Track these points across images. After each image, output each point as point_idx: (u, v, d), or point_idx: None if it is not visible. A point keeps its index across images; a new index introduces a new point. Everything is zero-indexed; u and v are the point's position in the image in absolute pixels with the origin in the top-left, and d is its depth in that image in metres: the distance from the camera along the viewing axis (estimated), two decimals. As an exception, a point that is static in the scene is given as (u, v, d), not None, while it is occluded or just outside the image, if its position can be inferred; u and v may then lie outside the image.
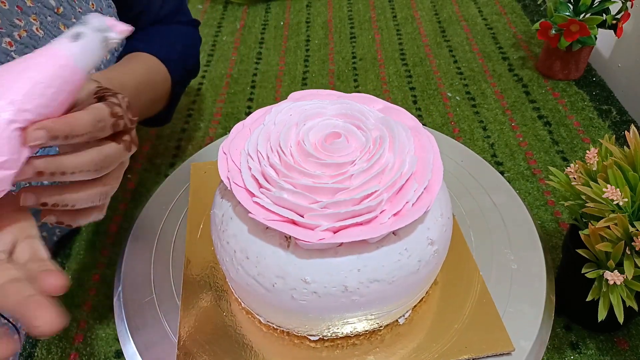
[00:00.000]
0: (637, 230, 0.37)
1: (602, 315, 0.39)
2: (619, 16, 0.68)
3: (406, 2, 1.00)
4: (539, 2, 0.93)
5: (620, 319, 0.38)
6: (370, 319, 0.37)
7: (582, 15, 0.70)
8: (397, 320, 0.40)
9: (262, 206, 0.34)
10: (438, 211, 0.37)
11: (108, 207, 0.63)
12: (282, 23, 0.98)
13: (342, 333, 0.38)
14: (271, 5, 1.03)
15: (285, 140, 0.37)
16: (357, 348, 0.39)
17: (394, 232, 0.34)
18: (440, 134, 0.58)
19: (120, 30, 0.35)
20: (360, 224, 0.33)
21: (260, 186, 0.35)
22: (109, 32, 0.35)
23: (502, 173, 0.61)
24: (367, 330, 0.39)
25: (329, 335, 0.39)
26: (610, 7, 0.69)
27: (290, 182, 0.34)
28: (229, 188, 0.36)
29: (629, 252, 0.38)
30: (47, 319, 0.27)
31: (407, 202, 0.34)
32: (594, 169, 0.41)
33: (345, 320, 0.36)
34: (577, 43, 0.70)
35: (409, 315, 0.41)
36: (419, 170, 0.36)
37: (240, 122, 0.41)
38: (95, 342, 0.50)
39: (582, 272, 0.40)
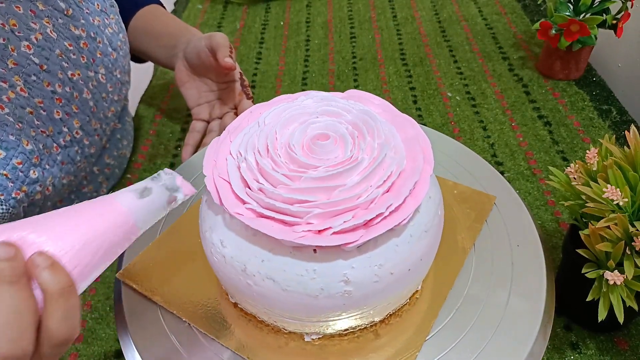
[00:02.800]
0: (637, 230, 0.36)
1: (602, 315, 0.39)
2: (619, 16, 0.68)
3: (406, 2, 1.00)
4: (539, 2, 0.93)
5: (621, 319, 0.38)
6: (362, 317, 0.38)
7: (582, 15, 0.70)
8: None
9: (242, 200, 0.34)
10: (429, 210, 0.37)
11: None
12: (282, 23, 0.98)
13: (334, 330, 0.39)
14: (271, 5, 1.03)
15: (272, 143, 0.37)
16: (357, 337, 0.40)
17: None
18: (440, 134, 0.58)
19: (187, 192, 0.34)
20: (343, 232, 0.33)
21: (247, 186, 0.35)
22: (177, 193, 0.33)
23: (502, 173, 0.61)
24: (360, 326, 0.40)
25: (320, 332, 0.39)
26: (611, 7, 0.69)
27: (274, 183, 0.34)
28: (210, 187, 0.36)
29: (629, 252, 0.38)
30: None
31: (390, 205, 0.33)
32: (594, 169, 0.41)
33: (339, 318, 0.37)
34: (577, 43, 0.70)
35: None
36: (409, 167, 0.36)
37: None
38: (95, 342, 0.50)
39: (582, 272, 0.40)
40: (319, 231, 0.32)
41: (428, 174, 0.35)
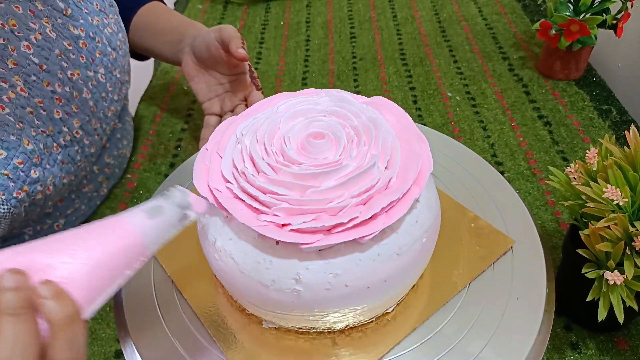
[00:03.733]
0: (637, 230, 0.36)
1: (602, 315, 0.39)
2: (619, 16, 0.68)
3: (406, 2, 1.00)
4: (539, 2, 0.93)
5: (620, 319, 0.38)
6: (355, 314, 0.38)
7: (582, 15, 0.70)
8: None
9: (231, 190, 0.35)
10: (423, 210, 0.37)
11: (108, 206, 0.63)
12: (282, 23, 0.98)
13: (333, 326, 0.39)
14: (271, 5, 1.03)
15: (269, 138, 0.38)
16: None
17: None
18: (440, 134, 0.58)
19: (199, 209, 0.33)
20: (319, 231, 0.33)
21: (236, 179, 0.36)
22: (189, 210, 0.32)
23: (502, 173, 0.61)
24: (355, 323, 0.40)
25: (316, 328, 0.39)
26: (611, 7, 0.69)
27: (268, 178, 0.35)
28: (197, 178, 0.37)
29: (629, 252, 0.38)
30: None
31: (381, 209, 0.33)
32: (594, 169, 0.41)
33: (332, 314, 0.37)
34: (577, 43, 0.70)
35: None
36: (395, 184, 0.35)
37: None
38: (95, 342, 0.50)
39: (582, 272, 0.40)
40: (282, 225, 0.33)
41: (412, 197, 0.34)
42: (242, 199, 0.34)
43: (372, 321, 0.40)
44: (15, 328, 0.24)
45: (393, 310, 0.41)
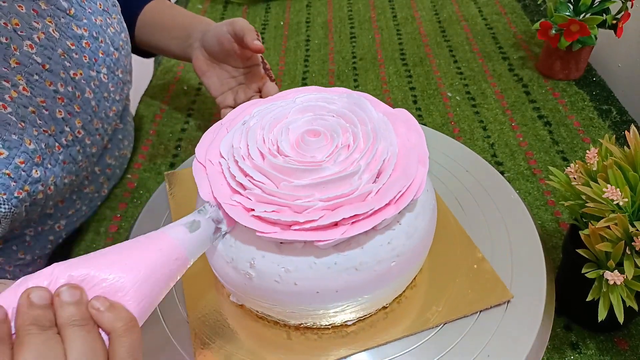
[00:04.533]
0: (637, 230, 0.37)
1: (602, 315, 0.39)
2: (619, 16, 0.68)
3: (406, 2, 1.00)
4: (539, 2, 0.93)
5: (620, 319, 0.38)
6: (355, 310, 0.38)
7: (582, 15, 0.70)
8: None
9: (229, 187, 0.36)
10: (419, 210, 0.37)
11: (108, 206, 0.63)
12: (282, 23, 0.98)
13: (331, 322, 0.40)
14: (271, 5, 1.03)
15: (277, 135, 0.38)
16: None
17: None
18: (440, 134, 0.58)
19: (230, 223, 0.35)
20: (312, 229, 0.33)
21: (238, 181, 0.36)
22: (222, 224, 0.35)
23: (502, 173, 0.61)
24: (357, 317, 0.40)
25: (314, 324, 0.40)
26: (611, 7, 0.69)
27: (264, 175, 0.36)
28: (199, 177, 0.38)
29: (629, 252, 0.38)
30: None
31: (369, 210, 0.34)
32: (594, 169, 0.41)
33: (331, 311, 0.37)
34: (577, 43, 0.70)
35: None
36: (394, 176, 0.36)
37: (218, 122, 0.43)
38: (96, 342, 0.50)
39: (582, 272, 0.40)
40: (248, 209, 0.34)
41: (383, 216, 0.33)
42: (225, 176, 0.36)
43: (327, 328, 0.40)
44: (84, 337, 0.26)
45: (354, 324, 0.41)
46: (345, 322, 0.40)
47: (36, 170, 0.46)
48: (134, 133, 0.72)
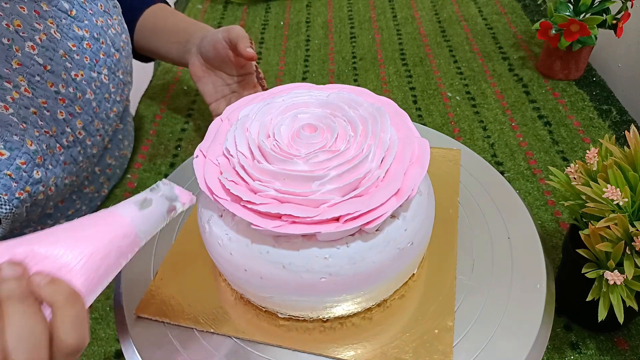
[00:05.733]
0: (637, 230, 0.37)
1: (602, 315, 0.39)
2: (619, 16, 0.68)
3: (406, 2, 1.00)
4: (539, 2, 0.93)
5: (620, 319, 0.38)
6: (352, 303, 0.39)
7: (582, 15, 0.70)
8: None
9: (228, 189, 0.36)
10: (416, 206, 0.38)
11: (108, 206, 0.63)
12: (282, 23, 0.98)
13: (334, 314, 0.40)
14: (271, 5, 1.03)
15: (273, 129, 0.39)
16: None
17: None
18: (440, 134, 0.58)
19: (185, 201, 0.35)
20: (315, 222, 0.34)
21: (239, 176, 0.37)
22: (176, 202, 0.34)
23: (502, 173, 0.61)
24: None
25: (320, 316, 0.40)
26: (611, 7, 0.69)
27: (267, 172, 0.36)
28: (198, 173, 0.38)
29: (629, 252, 0.38)
30: None
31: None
32: (594, 168, 0.41)
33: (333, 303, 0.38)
34: (577, 43, 0.70)
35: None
36: (393, 170, 0.36)
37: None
38: (95, 342, 0.50)
39: (582, 272, 0.40)
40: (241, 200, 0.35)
41: (369, 218, 0.33)
42: (221, 171, 0.37)
43: (325, 320, 0.41)
44: (22, 312, 0.26)
45: (350, 318, 0.41)
46: (342, 315, 0.40)
47: (37, 171, 0.46)
48: (134, 133, 0.72)
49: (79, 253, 0.28)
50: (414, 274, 0.43)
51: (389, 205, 0.34)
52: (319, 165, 0.36)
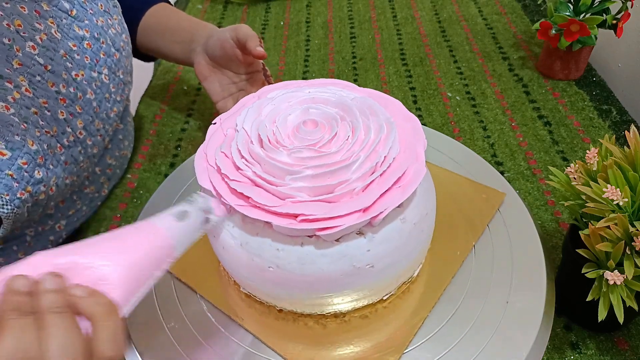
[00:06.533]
0: (637, 230, 0.37)
1: (602, 315, 0.39)
2: (619, 16, 0.68)
3: (406, 2, 1.00)
4: (539, 2, 0.93)
5: (621, 319, 0.38)
6: (350, 301, 0.39)
7: (582, 15, 0.70)
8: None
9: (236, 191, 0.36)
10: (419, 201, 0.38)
11: (108, 206, 0.63)
12: (282, 23, 0.98)
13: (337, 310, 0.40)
14: (271, 5, 1.03)
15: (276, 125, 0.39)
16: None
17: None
18: (440, 134, 0.58)
19: (220, 213, 0.35)
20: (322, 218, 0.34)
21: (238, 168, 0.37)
22: (211, 214, 0.35)
23: (502, 173, 0.61)
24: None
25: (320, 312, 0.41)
26: (611, 7, 0.69)
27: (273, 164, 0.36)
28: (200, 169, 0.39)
29: (629, 252, 0.38)
30: None
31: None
32: (594, 168, 0.41)
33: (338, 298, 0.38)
34: (577, 43, 0.70)
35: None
36: (401, 159, 0.37)
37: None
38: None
39: (582, 272, 0.40)
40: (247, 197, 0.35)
41: (369, 215, 0.34)
42: (219, 169, 0.37)
43: (324, 316, 0.41)
44: (63, 324, 0.27)
45: (348, 315, 0.41)
46: (341, 311, 0.41)
47: (38, 171, 0.46)
48: (134, 133, 0.72)
49: (117, 265, 0.29)
50: (390, 294, 0.42)
51: (349, 220, 0.33)
52: (299, 160, 0.36)
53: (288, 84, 0.45)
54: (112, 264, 0.29)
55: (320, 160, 0.36)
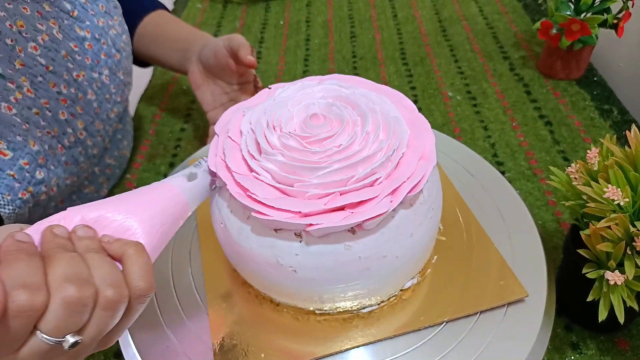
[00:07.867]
0: (638, 230, 0.36)
1: (602, 315, 0.39)
2: (620, 15, 0.68)
3: (407, 2, 1.00)
4: (539, 2, 0.93)
5: (621, 319, 0.38)
6: (353, 299, 0.39)
7: (583, 15, 0.70)
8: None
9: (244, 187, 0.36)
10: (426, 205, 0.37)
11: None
12: (281, 22, 0.98)
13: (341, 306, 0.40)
14: (271, 4, 1.03)
15: (283, 122, 0.39)
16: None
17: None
18: (440, 134, 0.58)
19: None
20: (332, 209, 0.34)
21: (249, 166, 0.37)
22: (216, 177, 0.37)
23: (502, 173, 0.61)
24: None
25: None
26: (611, 6, 0.69)
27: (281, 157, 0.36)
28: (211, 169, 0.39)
29: (629, 252, 0.38)
30: None
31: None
32: (595, 168, 0.41)
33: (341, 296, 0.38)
34: (578, 42, 0.70)
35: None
36: (408, 156, 0.36)
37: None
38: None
39: (582, 272, 0.40)
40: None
41: (376, 211, 0.33)
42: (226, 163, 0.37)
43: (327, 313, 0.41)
44: (102, 259, 0.29)
45: (350, 315, 0.41)
46: (345, 309, 0.41)
47: (40, 172, 0.46)
48: (133, 133, 0.72)
49: (140, 217, 0.32)
50: (394, 295, 0.42)
51: (332, 219, 0.33)
52: (324, 157, 0.35)
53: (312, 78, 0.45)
54: (135, 216, 0.32)
55: (343, 154, 0.35)
